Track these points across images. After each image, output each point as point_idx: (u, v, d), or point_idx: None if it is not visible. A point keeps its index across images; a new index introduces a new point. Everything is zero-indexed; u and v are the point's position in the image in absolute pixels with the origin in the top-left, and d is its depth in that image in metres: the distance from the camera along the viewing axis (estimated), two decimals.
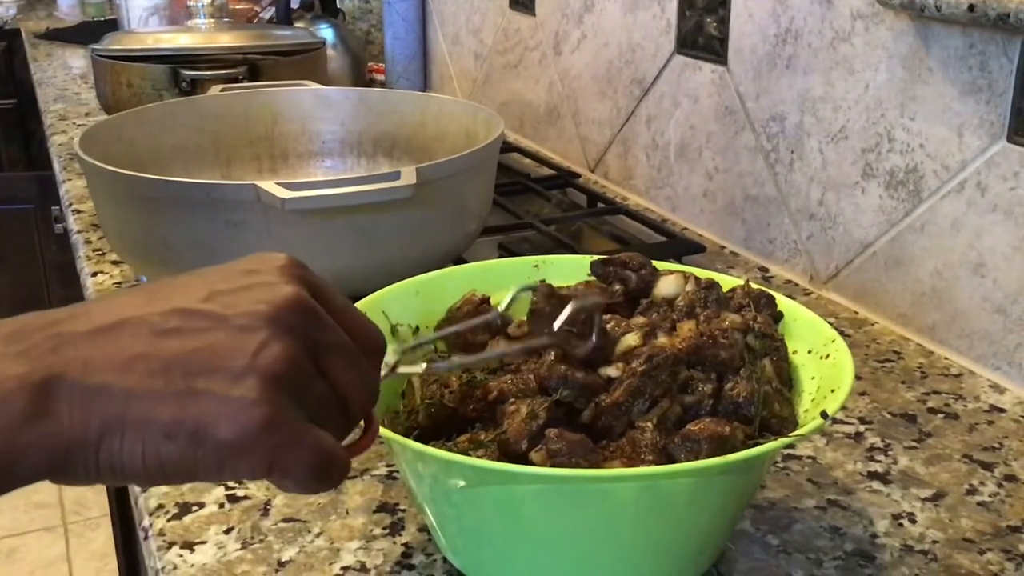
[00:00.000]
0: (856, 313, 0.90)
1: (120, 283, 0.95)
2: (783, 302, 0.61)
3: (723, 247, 1.06)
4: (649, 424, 0.50)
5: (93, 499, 2.24)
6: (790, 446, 0.67)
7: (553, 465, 0.48)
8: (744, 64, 1.01)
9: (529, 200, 1.16)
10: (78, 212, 1.15)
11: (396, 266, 0.81)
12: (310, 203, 0.71)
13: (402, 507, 0.63)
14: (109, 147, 0.86)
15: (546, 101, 1.41)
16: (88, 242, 1.06)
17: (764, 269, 1.01)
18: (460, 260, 0.90)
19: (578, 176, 1.27)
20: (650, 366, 0.51)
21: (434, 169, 0.78)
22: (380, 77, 1.82)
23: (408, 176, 0.74)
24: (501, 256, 0.99)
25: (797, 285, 0.97)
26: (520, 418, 0.50)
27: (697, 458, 0.48)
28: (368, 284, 0.81)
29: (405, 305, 0.65)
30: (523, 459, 0.49)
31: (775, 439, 0.50)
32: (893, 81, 0.84)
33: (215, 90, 1.02)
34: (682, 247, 0.99)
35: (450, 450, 0.51)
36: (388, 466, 0.67)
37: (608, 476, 0.46)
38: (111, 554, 2.05)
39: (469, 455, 0.49)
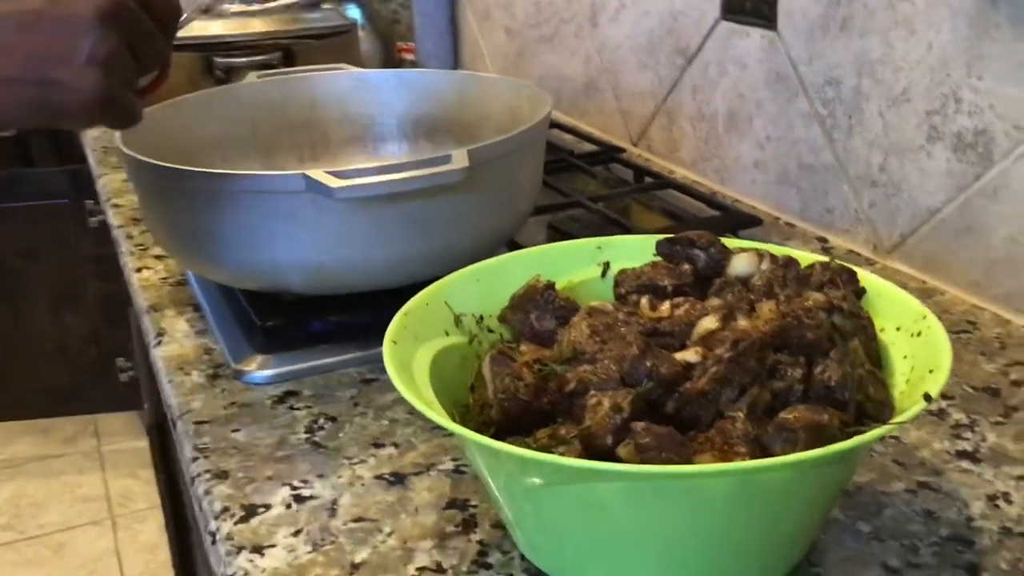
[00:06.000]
0: (924, 283, 0.87)
1: (165, 278, 0.94)
2: (866, 277, 0.59)
3: (778, 218, 1.03)
4: (740, 413, 0.47)
5: (139, 491, 2.25)
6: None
7: (642, 460, 0.45)
8: (795, 28, 0.97)
9: (574, 177, 1.13)
10: (117, 207, 1.13)
11: (448, 251, 0.78)
12: (362, 191, 0.69)
13: (473, 503, 0.61)
14: (148, 140, 0.84)
15: (584, 74, 1.38)
16: (130, 237, 1.04)
17: (823, 240, 0.98)
18: (513, 243, 0.87)
19: (622, 151, 1.24)
20: (736, 352, 0.49)
21: (486, 150, 0.75)
22: (410, 56, 1.79)
23: (460, 159, 0.72)
24: (551, 236, 0.97)
25: (860, 255, 0.93)
26: (603, 411, 0.47)
27: (794, 448, 0.45)
28: (421, 271, 0.79)
29: (466, 293, 0.63)
30: (609, 454, 0.47)
31: (874, 425, 0.47)
32: (958, 40, 0.80)
33: (251, 77, 0.99)
34: (737, 220, 0.96)
35: (528, 447, 0.49)
36: (453, 460, 0.65)
37: (705, 472, 0.44)
38: (160, 546, 2.06)
39: (551, 452, 0.47)
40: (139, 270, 0.96)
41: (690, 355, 0.52)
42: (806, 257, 0.60)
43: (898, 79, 0.87)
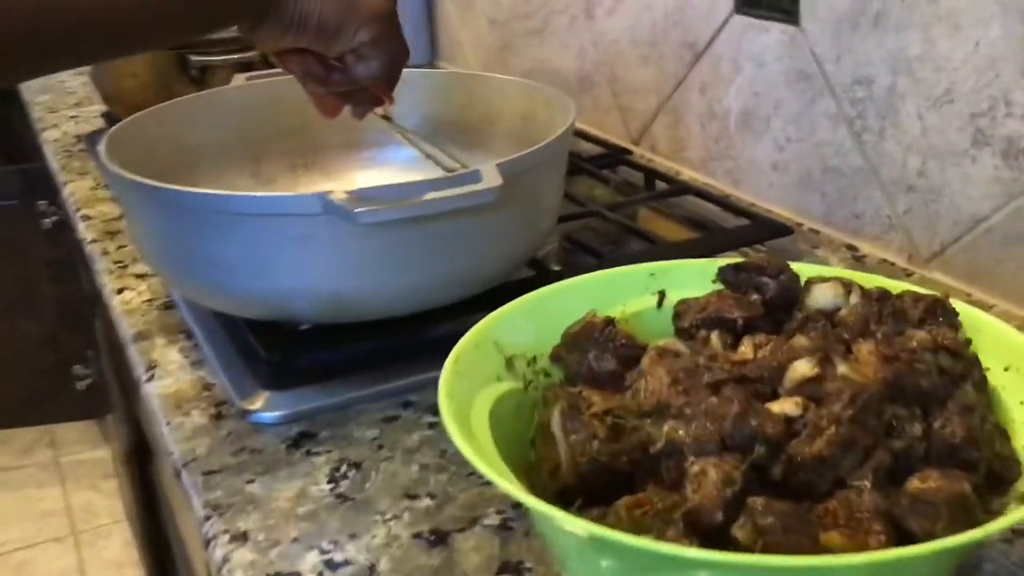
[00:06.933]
0: (968, 295, 0.82)
1: (150, 300, 0.86)
2: (963, 309, 0.53)
3: (800, 224, 0.98)
4: (866, 482, 0.42)
5: (102, 504, 2.15)
6: None
7: (765, 544, 0.39)
8: (821, 23, 0.92)
9: (579, 181, 1.07)
10: (88, 219, 1.05)
11: (472, 274, 0.72)
12: (387, 214, 0.62)
13: (527, 565, 0.54)
14: (133, 150, 0.76)
15: (577, 69, 1.31)
16: (106, 253, 0.96)
17: (852, 247, 0.92)
18: (535, 262, 0.81)
19: (629, 152, 1.18)
20: (856, 409, 0.43)
21: (515, 164, 0.68)
22: None
23: (491, 177, 0.65)
24: (566, 248, 0.91)
25: (894, 264, 0.88)
26: (710, 483, 0.41)
27: (935, 524, 0.40)
28: (443, 296, 0.72)
29: (516, 330, 0.56)
30: (718, 532, 0.41)
31: (1012, 491, 0.41)
32: (1009, 38, 0.75)
33: (239, 80, 0.91)
34: (767, 230, 0.90)
35: (619, 522, 0.43)
36: (498, 512, 0.59)
37: (852, 564, 0.38)
38: (126, 563, 1.97)
39: (652, 532, 0.41)
40: (120, 291, 0.88)
41: (788, 407, 0.46)
42: (894, 285, 0.55)
43: (939, 79, 0.82)
